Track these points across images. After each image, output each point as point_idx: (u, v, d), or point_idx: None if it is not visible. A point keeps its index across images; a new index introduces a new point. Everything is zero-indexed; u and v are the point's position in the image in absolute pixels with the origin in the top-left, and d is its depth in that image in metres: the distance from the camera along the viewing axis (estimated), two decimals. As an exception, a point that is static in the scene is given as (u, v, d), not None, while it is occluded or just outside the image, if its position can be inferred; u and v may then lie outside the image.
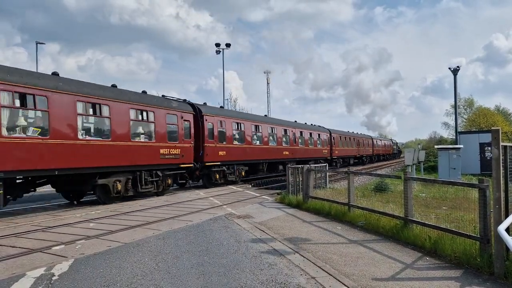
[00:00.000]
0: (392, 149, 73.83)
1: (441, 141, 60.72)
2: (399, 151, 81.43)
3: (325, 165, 18.46)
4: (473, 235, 6.07)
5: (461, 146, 23.26)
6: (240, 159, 21.71)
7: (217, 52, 37.35)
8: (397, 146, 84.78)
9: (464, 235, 6.23)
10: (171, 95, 21.48)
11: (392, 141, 78.42)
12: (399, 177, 9.61)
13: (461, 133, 31.73)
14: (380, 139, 68.36)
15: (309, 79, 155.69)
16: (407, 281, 5.21)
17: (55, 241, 7.74)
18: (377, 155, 59.11)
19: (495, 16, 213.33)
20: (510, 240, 4.48)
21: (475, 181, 7.78)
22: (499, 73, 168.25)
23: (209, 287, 5.01)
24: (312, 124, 35.91)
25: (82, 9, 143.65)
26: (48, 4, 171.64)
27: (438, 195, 13.90)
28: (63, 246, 7.40)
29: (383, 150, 64.23)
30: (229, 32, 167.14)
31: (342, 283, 5.12)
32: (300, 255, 6.50)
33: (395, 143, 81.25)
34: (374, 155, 56.47)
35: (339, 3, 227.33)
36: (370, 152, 54.05)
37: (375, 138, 63.35)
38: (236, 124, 21.65)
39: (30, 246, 7.41)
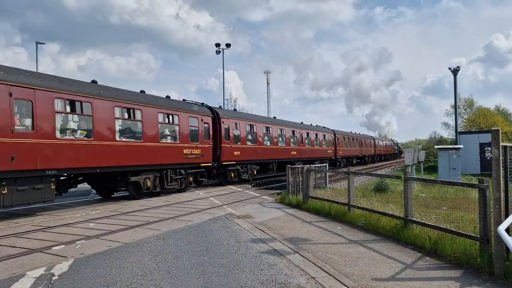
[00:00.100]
0: (393, 149, 74.91)
1: (441, 141, 60.65)
2: (399, 151, 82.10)
3: (325, 165, 18.46)
4: (473, 235, 6.07)
5: (461, 146, 23.26)
6: (252, 158, 22.82)
7: (217, 52, 37.39)
8: (398, 146, 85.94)
9: (464, 235, 6.23)
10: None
11: (393, 142, 79.64)
12: (399, 177, 9.61)
13: (461, 133, 31.75)
14: (381, 139, 69.49)
15: (309, 79, 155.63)
16: (407, 281, 5.21)
17: (55, 241, 7.75)
18: (379, 155, 59.82)
19: (495, 16, 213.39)
20: (510, 240, 4.48)
21: (475, 181, 7.79)
22: (499, 73, 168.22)
23: (209, 287, 5.01)
24: (317, 125, 36.63)
25: (82, 9, 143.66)
26: (48, 4, 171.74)
27: (438, 195, 13.91)
28: (63, 246, 7.41)
29: (384, 150, 64.93)
30: (229, 32, 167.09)
31: (342, 283, 5.12)
32: (300, 255, 6.50)
33: (396, 143, 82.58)
34: (376, 155, 57.13)
35: (339, 3, 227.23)
36: (372, 152, 54.66)
37: (377, 138, 64.37)
38: (249, 126, 22.81)
39: (30, 246, 7.41)
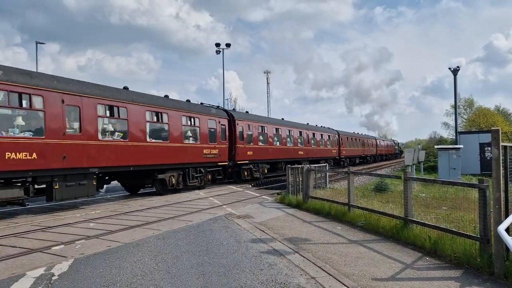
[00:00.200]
0: (394, 149, 76.44)
1: (441, 141, 60.71)
2: (400, 151, 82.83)
3: (325, 165, 18.48)
4: (473, 235, 6.06)
5: (461, 146, 23.25)
6: (263, 158, 24.12)
7: (217, 52, 37.41)
8: (399, 146, 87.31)
9: (464, 235, 6.23)
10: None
11: (394, 142, 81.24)
12: (399, 177, 9.61)
13: (461, 133, 31.74)
14: (383, 139, 70.94)
15: (309, 79, 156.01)
16: (407, 281, 5.21)
17: (55, 241, 7.74)
18: (380, 155, 60.87)
19: (495, 16, 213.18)
20: (510, 240, 4.48)
21: (475, 181, 7.78)
22: (499, 73, 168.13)
23: (209, 287, 5.01)
24: (322, 126, 37.86)
25: (82, 9, 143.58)
26: (48, 4, 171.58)
27: (438, 195, 13.91)
28: (63, 246, 7.41)
29: (385, 150, 66.08)
30: (229, 32, 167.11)
31: (342, 283, 5.12)
32: (300, 255, 6.49)
33: (396, 143, 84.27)
34: (377, 155, 58.14)
35: (339, 3, 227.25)
36: (374, 152, 55.64)
37: (378, 138, 65.71)
38: (260, 127, 24.12)
39: (30, 246, 7.41)
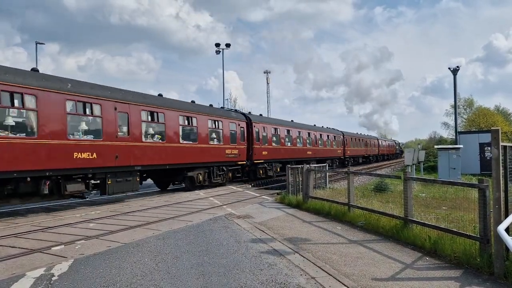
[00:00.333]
0: (395, 149, 78.19)
1: (441, 141, 60.70)
2: (401, 151, 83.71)
3: (325, 165, 18.49)
4: (473, 235, 6.07)
5: (461, 146, 23.22)
6: (276, 157, 25.74)
7: (217, 52, 37.41)
8: (399, 146, 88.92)
9: (464, 235, 6.23)
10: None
11: (395, 142, 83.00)
12: (399, 177, 9.60)
13: (461, 133, 31.71)
14: (384, 139, 72.77)
15: (309, 79, 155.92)
16: (407, 281, 5.21)
17: (55, 241, 7.74)
18: (382, 155, 62.39)
19: (495, 16, 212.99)
20: (510, 240, 4.48)
21: (475, 181, 7.78)
22: (498, 73, 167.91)
23: (209, 287, 5.00)
24: (327, 127, 39.64)
25: (82, 9, 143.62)
26: (48, 4, 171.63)
27: (438, 195, 13.91)
28: (62, 246, 7.41)
29: (387, 150, 67.77)
30: (229, 32, 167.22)
31: (342, 283, 5.12)
32: (300, 255, 6.49)
33: (397, 143, 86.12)
34: (379, 154, 59.56)
35: (339, 3, 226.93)
36: (376, 152, 56.95)
37: (380, 139, 67.34)
38: (274, 129, 25.78)
39: (30, 246, 7.41)
